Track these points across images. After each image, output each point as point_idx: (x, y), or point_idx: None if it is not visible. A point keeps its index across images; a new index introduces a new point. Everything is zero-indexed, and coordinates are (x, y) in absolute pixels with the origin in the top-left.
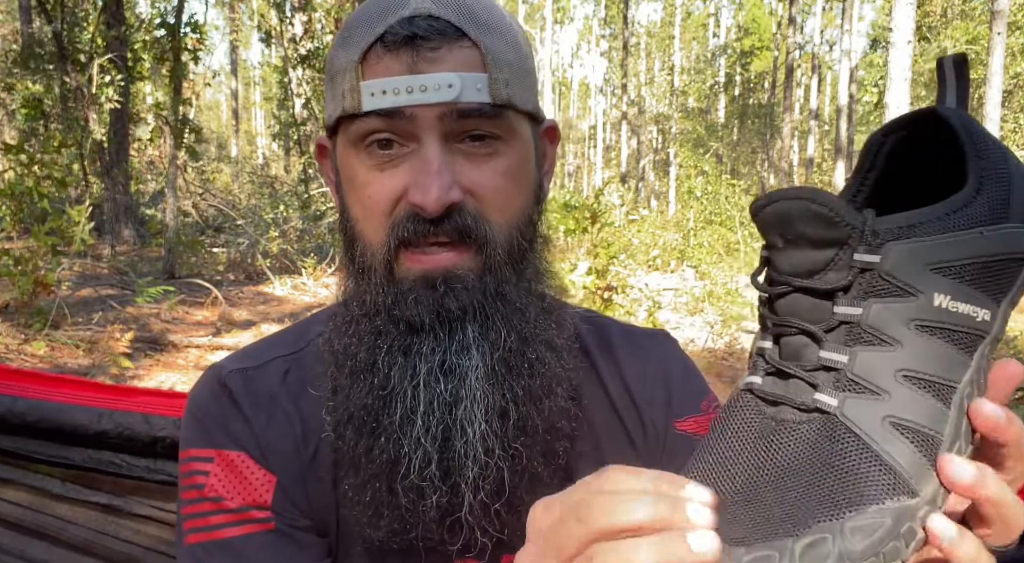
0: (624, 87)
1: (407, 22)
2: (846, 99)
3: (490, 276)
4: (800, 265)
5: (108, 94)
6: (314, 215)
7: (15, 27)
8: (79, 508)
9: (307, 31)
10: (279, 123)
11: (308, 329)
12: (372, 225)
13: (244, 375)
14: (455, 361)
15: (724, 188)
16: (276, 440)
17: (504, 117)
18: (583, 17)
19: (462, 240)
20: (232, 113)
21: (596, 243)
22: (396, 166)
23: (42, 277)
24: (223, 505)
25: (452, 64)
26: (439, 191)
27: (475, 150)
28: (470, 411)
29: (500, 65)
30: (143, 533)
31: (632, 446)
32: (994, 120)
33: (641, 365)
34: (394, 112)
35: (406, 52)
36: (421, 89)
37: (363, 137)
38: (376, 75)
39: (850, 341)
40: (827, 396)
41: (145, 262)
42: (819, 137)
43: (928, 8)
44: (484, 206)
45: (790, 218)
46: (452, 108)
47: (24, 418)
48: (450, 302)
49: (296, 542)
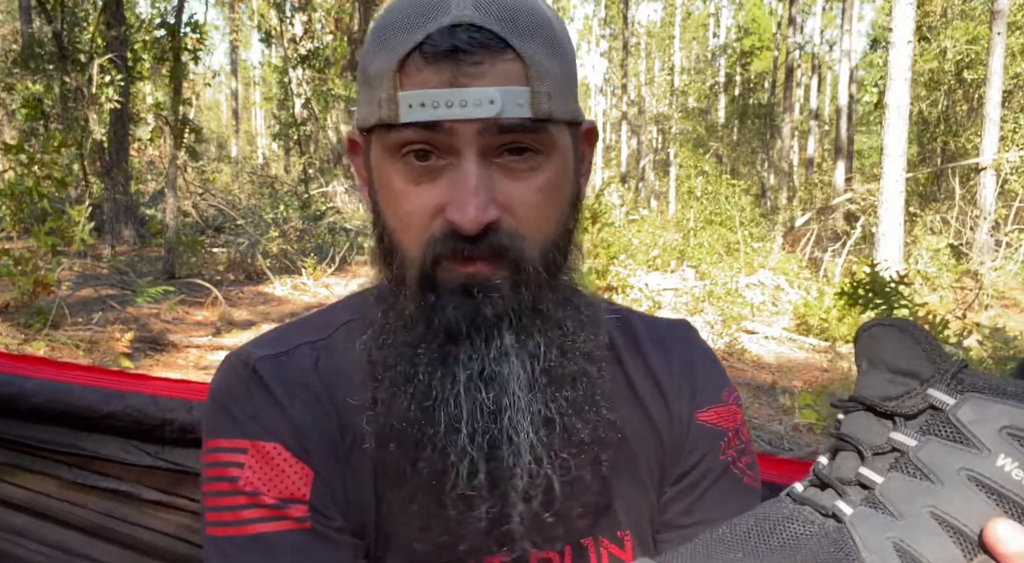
0: (624, 87)
1: (448, 32)
2: (846, 99)
3: (526, 290)
4: (876, 390)
5: (108, 94)
6: (314, 215)
7: (15, 27)
8: (87, 493)
9: (307, 31)
10: (279, 123)
11: (334, 316)
12: (410, 237)
13: (275, 361)
14: (494, 369)
15: (724, 188)
16: (313, 431)
17: (545, 130)
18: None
19: (498, 257)
20: (232, 113)
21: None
22: (433, 180)
23: (42, 277)
24: (258, 500)
25: (494, 78)
26: (476, 211)
27: (514, 164)
28: (515, 420)
29: (543, 77)
30: (152, 516)
31: (659, 439)
32: (994, 120)
33: (665, 356)
34: (433, 125)
35: (447, 65)
36: (461, 104)
37: (399, 147)
38: (415, 86)
39: (894, 467)
40: (846, 505)
41: (145, 262)
42: (819, 137)
43: (928, 8)
44: (521, 224)
45: (878, 342)
46: (493, 123)
47: (32, 400)
48: (486, 309)
49: (332, 543)
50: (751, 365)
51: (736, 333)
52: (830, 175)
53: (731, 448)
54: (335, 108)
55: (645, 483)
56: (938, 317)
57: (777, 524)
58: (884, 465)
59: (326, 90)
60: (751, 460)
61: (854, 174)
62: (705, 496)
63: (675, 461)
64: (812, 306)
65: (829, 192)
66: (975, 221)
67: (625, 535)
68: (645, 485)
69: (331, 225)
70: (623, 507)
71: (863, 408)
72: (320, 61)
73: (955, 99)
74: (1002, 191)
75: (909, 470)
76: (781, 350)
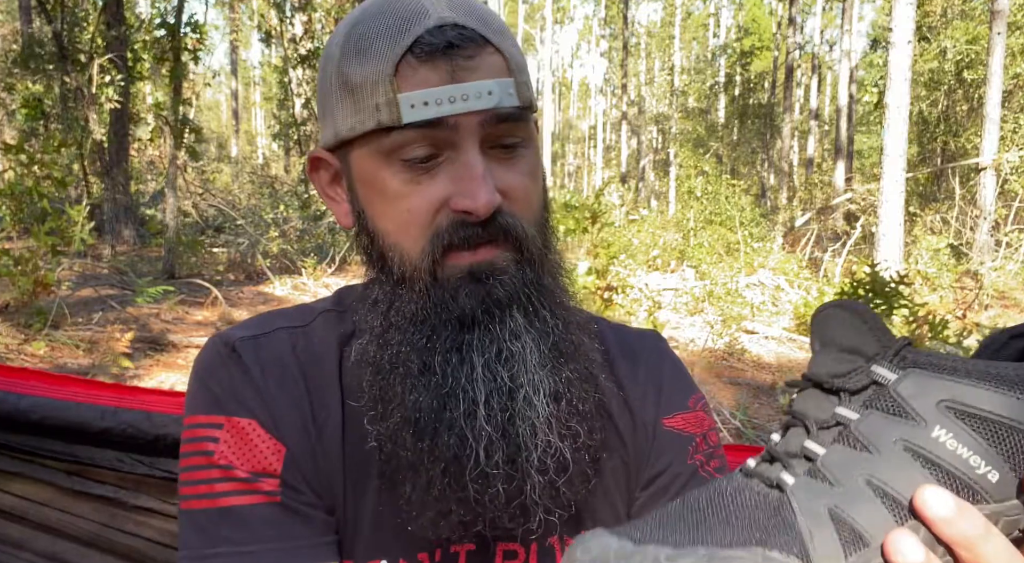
0: (624, 87)
1: (437, 31)
2: (846, 99)
3: (529, 268)
4: (825, 368)
5: (108, 94)
6: (314, 215)
7: (15, 27)
8: (84, 502)
9: (307, 31)
10: (279, 123)
11: (314, 307)
12: (410, 237)
13: (255, 342)
14: (509, 349)
15: (724, 188)
16: (286, 410)
17: (527, 120)
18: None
19: (505, 239)
20: (232, 113)
21: (596, 243)
22: (433, 176)
23: (42, 277)
24: (231, 473)
25: (486, 71)
26: (488, 195)
27: (503, 155)
28: (529, 396)
29: (520, 69)
30: (147, 525)
31: (623, 445)
32: (994, 120)
33: (632, 365)
34: (437, 122)
35: (443, 62)
36: (463, 98)
37: (396, 149)
38: (414, 86)
39: (837, 440)
40: (789, 476)
41: (145, 262)
42: (819, 137)
43: (928, 8)
44: (516, 206)
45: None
46: (492, 114)
47: (28, 416)
48: (497, 292)
49: (303, 517)
50: (751, 365)
51: (736, 333)
52: (830, 175)
53: (699, 452)
54: None
55: (609, 487)
56: (938, 317)
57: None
58: (828, 438)
59: None
60: (720, 463)
61: (854, 174)
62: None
63: (642, 467)
64: (812, 306)
65: (829, 192)
66: (975, 221)
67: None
68: (609, 489)
69: (331, 225)
70: (588, 509)
71: (812, 386)
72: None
73: (955, 99)
74: (1002, 191)
75: (850, 442)
76: (781, 350)
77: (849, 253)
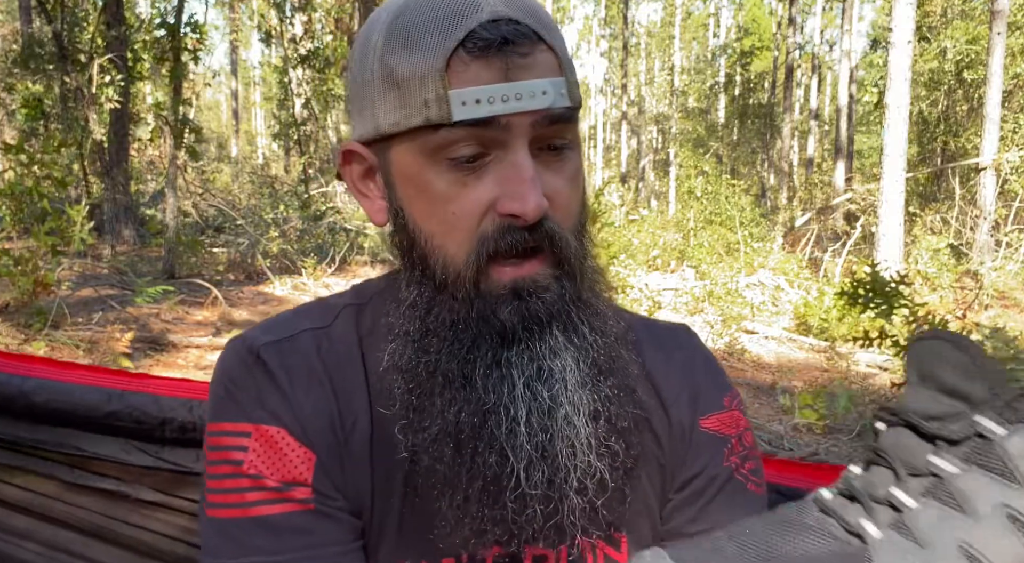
0: (624, 87)
1: (491, 26)
2: (846, 99)
3: (568, 281)
4: (922, 407)
5: (108, 94)
6: (314, 215)
7: (15, 27)
8: (87, 494)
9: (307, 31)
10: (279, 123)
11: (335, 302)
12: (456, 240)
13: (279, 347)
14: (549, 367)
15: (724, 188)
16: (314, 415)
17: (576, 121)
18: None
19: (550, 246)
20: (232, 113)
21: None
22: (480, 178)
23: (42, 277)
24: (262, 483)
25: (541, 70)
26: (537, 199)
27: (551, 158)
28: (569, 415)
29: (570, 68)
30: (152, 518)
31: (658, 444)
32: (994, 120)
33: (665, 360)
34: (488, 121)
35: (497, 58)
36: (517, 97)
37: (443, 147)
38: (466, 83)
39: (929, 493)
40: (873, 528)
41: (145, 262)
42: (819, 137)
43: (928, 8)
44: (560, 214)
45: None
46: (544, 114)
47: (32, 399)
48: (538, 309)
49: (336, 520)
50: (751, 365)
51: (736, 333)
52: (830, 175)
53: (735, 454)
54: (335, 108)
55: (644, 488)
56: (938, 317)
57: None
58: (919, 488)
59: (326, 90)
60: (755, 465)
61: (854, 174)
62: (710, 504)
63: (677, 468)
64: (812, 306)
65: (829, 192)
66: (975, 221)
67: (622, 537)
68: (644, 490)
69: (331, 225)
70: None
71: (904, 424)
72: (320, 61)
73: (955, 99)
74: (1002, 191)
75: (945, 498)
76: (781, 350)
77: (849, 253)
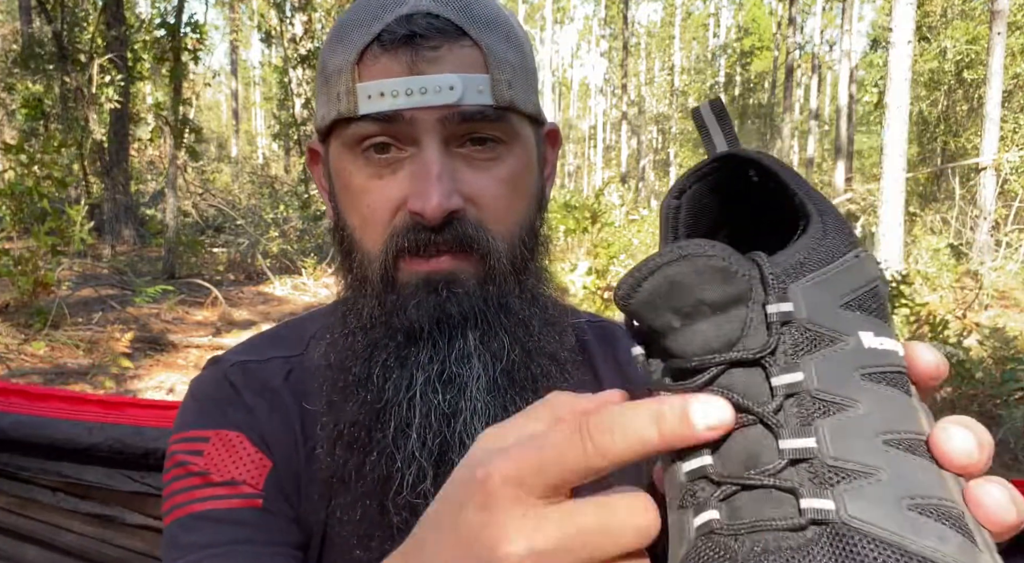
0: (624, 87)
1: (405, 20)
2: (846, 99)
3: (492, 286)
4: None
5: (108, 94)
6: (314, 215)
7: (15, 27)
8: (71, 517)
9: (307, 31)
10: (279, 123)
11: (304, 329)
12: (371, 234)
13: (245, 368)
14: (454, 370)
15: None
16: (277, 432)
17: (507, 120)
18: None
19: (463, 249)
20: (232, 113)
21: (596, 243)
22: (394, 172)
23: (42, 277)
24: (210, 479)
25: (453, 64)
26: (439, 198)
27: (477, 155)
28: (470, 424)
29: (502, 65)
30: (138, 537)
31: None
32: (994, 120)
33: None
34: (392, 116)
35: (405, 52)
36: (421, 91)
37: (359, 141)
38: (373, 77)
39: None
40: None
41: (145, 262)
42: (819, 137)
43: (928, 8)
44: (485, 215)
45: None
46: (454, 111)
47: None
48: (451, 307)
49: (280, 523)
50: None
51: None
52: (830, 175)
53: None
54: None
55: None
56: (938, 317)
57: None
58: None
59: None
60: None
61: (854, 174)
62: None
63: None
64: None
65: (829, 192)
66: (975, 221)
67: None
68: None
69: (331, 225)
70: None
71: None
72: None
73: (955, 99)
74: (1002, 191)
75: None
76: None
77: None
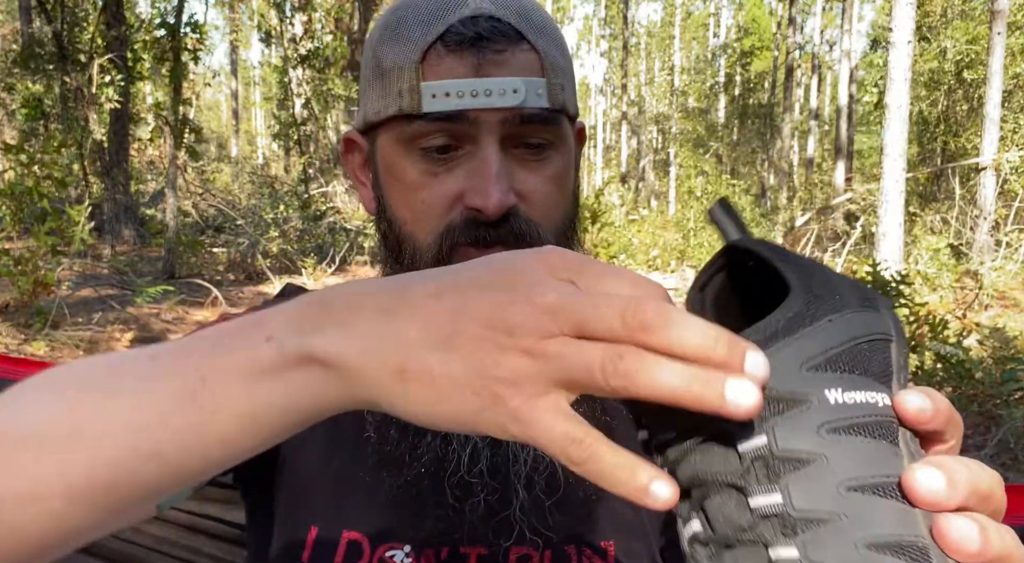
0: (624, 87)
1: (470, 22)
2: (846, 99)
3: None
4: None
5: (108, 94)
6: (314, 215)
7: (15, 27)
8: None
9: (307, 31)
10: (279, 123)
11: None
12: (424, 228)
13: None
14: None
15: (724, 188)
16: None
17: (559, 122)
18: (583, 17)
19: (516, 243)
20: (232, 113)
21: (596, 243)
22: (450, 170)
23: (42, 277)
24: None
25: (516, 68)
26: (500, 194)
27: (529, 156)
28: None
29: (556, 70)
30: (144, 532)
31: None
32: (994, 120)
33: None
34: (456, 115)
35: (470, 53)
36: (486, 93)
37: (417, 138)
38: (438, 76)
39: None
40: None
41: (145, 262)
42: (819, 137)
43: (928, 8)
44: (535, 211)
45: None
46: (515, 113)
47: None
48: None
49: None
50: None
51: None
52: (830, 175)
53: None
54: (335, 108)
55: None
56: (938, 317)
57: None
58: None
59: (326, 90)
60: None
61: (854, 174)
62: None
63: None
64: None
65: (829, 192)
66: (975, 221)
67: (609, 545)
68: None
69: (331, 225)
70: (608, 515)
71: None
72: (320, 61)
73: (955, 99)
74: (1002, 191)
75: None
76: None
77: (849, 253)
